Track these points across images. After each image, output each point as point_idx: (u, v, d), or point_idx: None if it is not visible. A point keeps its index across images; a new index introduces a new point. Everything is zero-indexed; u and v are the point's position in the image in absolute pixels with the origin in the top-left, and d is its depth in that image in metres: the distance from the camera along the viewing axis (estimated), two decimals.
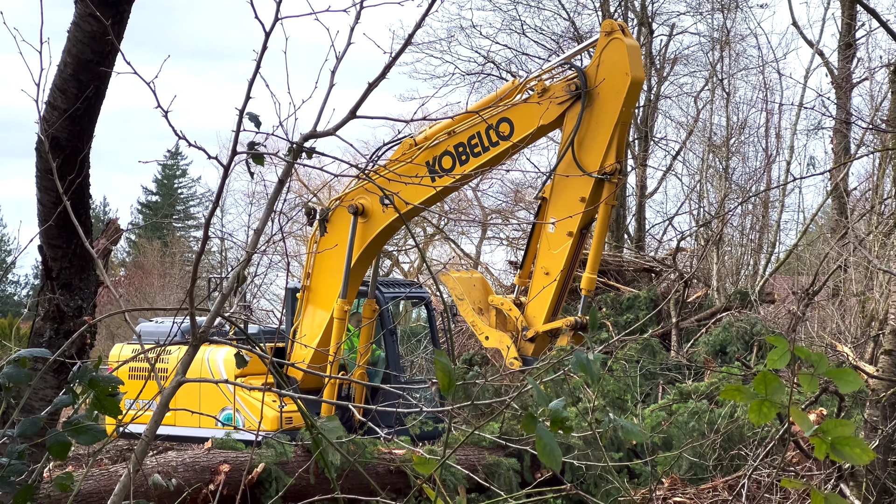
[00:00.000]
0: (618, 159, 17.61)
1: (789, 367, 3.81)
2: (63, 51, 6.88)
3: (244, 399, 19.96)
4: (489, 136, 18.01)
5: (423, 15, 5.15)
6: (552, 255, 18.11)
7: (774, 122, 31.18)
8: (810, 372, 3.67)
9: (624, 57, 17.31)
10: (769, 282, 26.25)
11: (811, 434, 3.55)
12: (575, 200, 17.86)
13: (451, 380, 4.26)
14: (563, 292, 18.33)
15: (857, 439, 3.56)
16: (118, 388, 4.43)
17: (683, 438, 14.87)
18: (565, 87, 17.81)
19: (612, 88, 17.41)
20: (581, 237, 18.16)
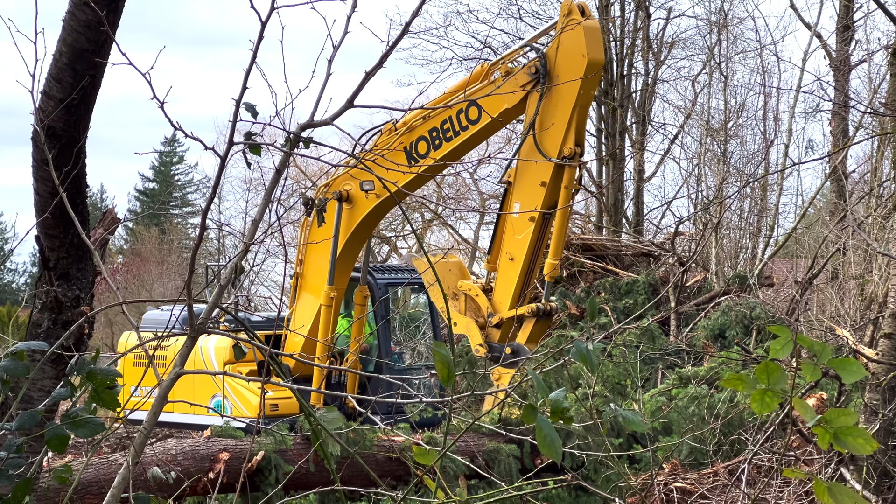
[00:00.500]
0: (577, 143, 17.24)
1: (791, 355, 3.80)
2: (58, 40, 6.85)
3: (232, 387, 20.06)
4: (460, 121, 17.87)
5: (421, 3, 5.12)
6: (516, 240, 17.91)
7: (772, 106, 31.21)
8: (812, 362, 3.65)
9: (580, 38, 16.91)
10: (768, 265, 26.25)
11: (814, 424, 3.53)
12: (536, 185, 17.62)
13: (451, 371, 4.24)
14: (528, 278, 18.06)
15: (860, 429, 3.55)
16: (116, 381, 4.41)
17: (683, 423, 14.87)
18: (526, 71, 17.53)
19: (570, 71, 17.03)
20: (545, 222, 17.86)
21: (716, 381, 16.34)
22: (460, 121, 17.83)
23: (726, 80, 31.47)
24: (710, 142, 31.06)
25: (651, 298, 22.92)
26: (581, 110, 17.19)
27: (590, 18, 17.19)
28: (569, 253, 25.85)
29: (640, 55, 37.70)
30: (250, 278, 31.23)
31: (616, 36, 37.66)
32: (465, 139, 17.88)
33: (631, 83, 37.80)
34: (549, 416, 4.18)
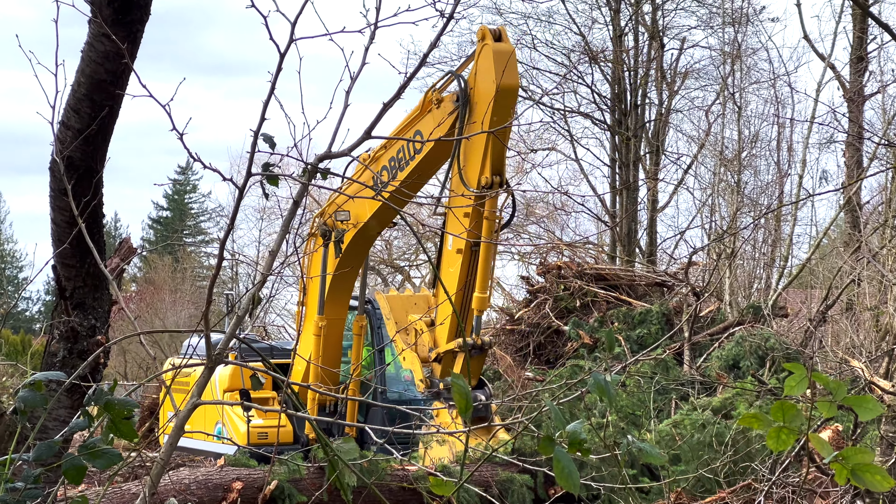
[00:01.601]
0: (494, 172, 16.70)
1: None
2: (77, 70, 6.88)
3: (228, 415, 20.13)
4: (410, 150, 17.58)
5: (438, 35, 5.14)
6: (449, 273, 17.56)
7: (786, 136, 31.17)
8: (829, 399, 3.65)
9: (490, 64, 16.44)
10: (782, 296, 26.20)
11: (831, 460, 3.53)
12: (460, 216, 17.16)
13: (469, 403, 4.23)
14: (462, 311, 17.70)
15: (877, 466, 3.54)
16: (133, 412, 4.41)
17: (691, 452, 14.83)
18: (450, 98, 17.15)
19: (484, 98, 16.57)
20: (473, 255, 17.42)
21: (729, 411, 16.30)
22: (410, 150, 17.56)
23: (740, 110, 31.48)
24: (724, 172, 31.05)
25: (664, 328, 22.89)
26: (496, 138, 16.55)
27: (504, 43, 16.68)
28: (582, 283, 25.82)
29: (653, 85, 37.75)
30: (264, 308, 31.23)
31: (630, 66, 37.73)
32: (413, 167, 17.47)
33: (644, 113, 37.84)
34: (567, 448, 4.17)
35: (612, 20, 37.29)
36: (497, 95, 16.29)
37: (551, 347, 25.51)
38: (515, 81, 16.87)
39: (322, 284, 19.00)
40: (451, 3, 5.09)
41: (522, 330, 25.99)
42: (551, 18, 37.85)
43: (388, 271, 49.88)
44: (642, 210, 37.67)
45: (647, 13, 37.75)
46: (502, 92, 16.35)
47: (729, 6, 34.46)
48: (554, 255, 31.80)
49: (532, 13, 37.36)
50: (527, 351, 25.70)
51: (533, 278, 28.54)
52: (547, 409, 4.39)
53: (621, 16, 37.38)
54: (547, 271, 27.07)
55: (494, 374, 24.29)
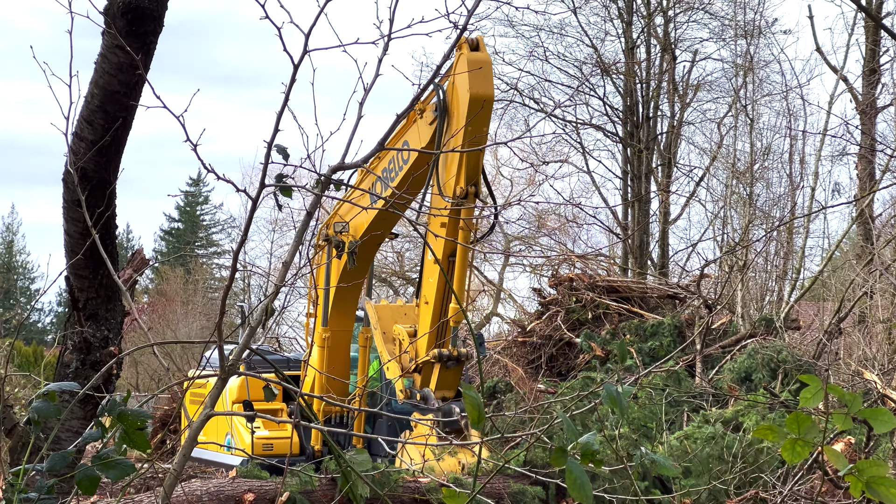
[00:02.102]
0: (469, 182, 16.50)
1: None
2: (90, 82, 6.89)
3: (235, 425, 20.18)
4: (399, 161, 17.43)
5: (451, 47, 5.15)
6: (429, 283, 17.58)
7: (798, 149, 31.10)
8: (843, 412, 3.64)
9: (465, 74, 16.23)
10: (794, 308, 26.14)
11: (846, 473, 3.52)
12: (437, 226, 17.10)
13: (481, 413, 4.23)
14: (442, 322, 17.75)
15: (892, 479, 3.54)
16: (146, 423, 4.42)
17: (706, 466, 14.80)
18: (431, 109, 16.91)
19: (460, 107, 16.44)
20: (451, 265, 17.34)
21: (740, 423, 16.27)
22: (399, 161, 17.46)
23: (752, 122, 31.44)
24: (736, 184, 31.01)
25: (676, 340, 22.86)
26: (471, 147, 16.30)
27: (481, 52, 16.50)
28: (594, 295, 25.80)
29: (665, 97, 37.76)
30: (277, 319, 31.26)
31: (642, 78, 37.74)
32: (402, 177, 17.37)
33: (657, 125, 37.84)
34: (580, 460, 4.17)
35: (625, 32, 37.32)
36: (470, 105, 16.17)
37: (563, 359, 25.49)
38: (489, 91, 16.67)
39: (326, 296, 19.01)
40: (465, 15, 5.10)
41: (534, 342, 25.97)
42: (563, 31, 37.90)
43: (399, 283, 49.87)
44: (654, 222, 37.66)
45: (659, 25, 37.77)
46: (475, 102, 16.20)
47: (741, 18, 34.45)
48: (566, 268, 31.76)
49: (544, 25, 37.40)
50: (539, 363, 25.68)
51: (545, 290, 28.52)
52: (559, 421, 4.39)
53: (633, 28, 37.40)
54: (559, 283, 27.05)
55: (506, 385, 24.26)
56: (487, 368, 26.19)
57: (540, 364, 25.64)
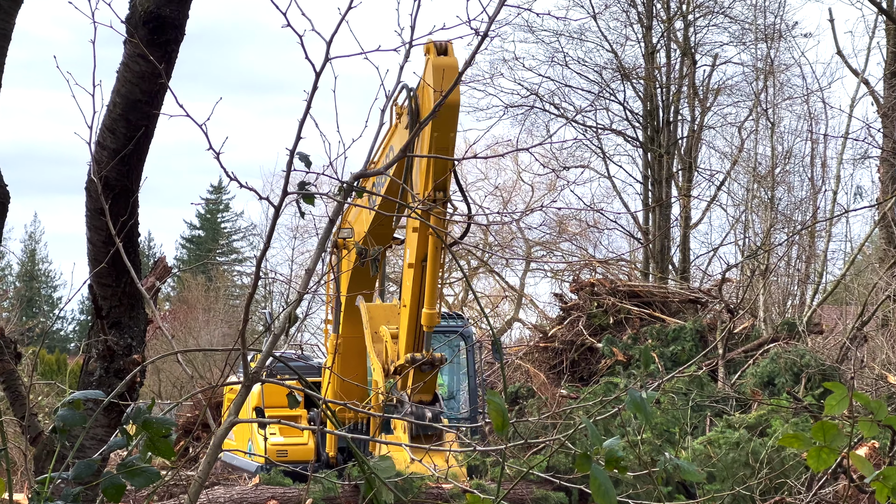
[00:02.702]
0: (437, 188, 16.12)
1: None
2: (112, 91, 6.91)
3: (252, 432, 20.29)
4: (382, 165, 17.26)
5: (473, 53, 5.15)
6: (406, 287, 17.53)
7: (820, 152, 31.07)
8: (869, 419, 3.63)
9: (430, 78, 16.03)
10: (817, 312, 26.08)
11: (872, 479, 3.51)
12: (409, 231, 17.09)
13: (505, 419, 4.23)
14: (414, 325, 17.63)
15: None
16: (171, 430, 4.43)
17: (730, 471, 14.78)
18: (407, 112, 16.78)
19: (426, 111, 16.17)
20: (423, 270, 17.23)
21: (765, 429, 16.23)
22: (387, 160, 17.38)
23: (773, 126, 31.36)
24: (758, 188, 30.95)
25: (698, 345, 22.83)
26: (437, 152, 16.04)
27: (449, 57, 16.26)
28: (615, 300, 25.79)
29: (686, 102, 37.72)
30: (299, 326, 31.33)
31: (662, 83, 37.70)
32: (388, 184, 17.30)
33: (677, 130, 37.80)
34: (604, 465, 4.16)
35: (644, 37, 37.29)
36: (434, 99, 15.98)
37: (585, 364, 25.48)
38: (454, 98, 16.42)
39: (337, 303, 19.05)
40: (485, 21, 5.10)
41: (556, 347, 25.97)
42: (583, 36, 37.89)
43: None
44: (675, 227, 37.61)
45: (679, 30, 37.73)
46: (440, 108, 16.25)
47: (761, 22, 34.37)
48: (587, 273, 31.76)
49: (564, 31, 37.41)
50: (561, 368, 25.68)
51: (566, 295, 28.52)
52: (583, 427, 4.39)
53: (653, 33, 37.38)
54: (580, 288, 27.04)
55: (528, 391, 24.25)
56: (509, 374, 26.19)
57: (562, 369, 25.64)
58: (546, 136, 36.94)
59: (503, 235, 44.68)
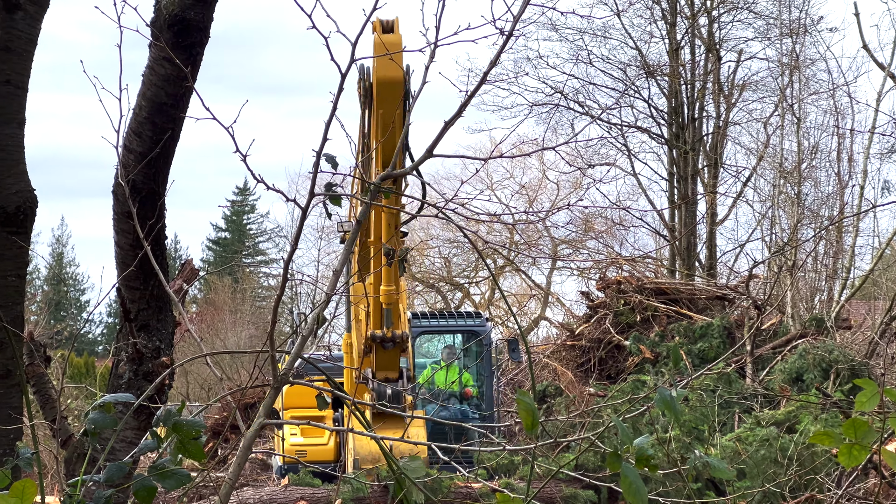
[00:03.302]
0: (385, 164, 15.76)
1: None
2: (138, 94, 6.93)
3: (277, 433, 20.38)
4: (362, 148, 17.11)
5: (498, 53, 5.15)
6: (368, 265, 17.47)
7: (846, 147, 30.92)
8: None
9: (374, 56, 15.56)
10: (845, 307, 25.99)
11: None
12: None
13: (535, 419, 4.23)
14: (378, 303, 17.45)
15: None
16: (201, 432, 4.44)
17: (760, 468, 14.75)
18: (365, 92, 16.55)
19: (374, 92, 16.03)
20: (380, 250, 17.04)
21: (794, 425, 16.19)
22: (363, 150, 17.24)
23: (799, 121, 31.26)
24: (784, 184, 30.85)
25: (726, 342, 22.78)
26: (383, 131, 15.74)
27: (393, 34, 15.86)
28: (642, 297, 25.76)
29: (711, 98, 37.63)
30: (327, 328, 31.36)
31: (687, 79, 37.62)
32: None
33: (702, 126, 37.72)
34: (634, 464, 4.16)
35: (669, 34, 37.21)
36: (378, 88, 15.79)
37: (612, 362, 25.46)
38: (396, 73, 15.98)
39: (347, 303, 19.08)
40: (510, 21, 5.10)
41: (583, 345, 25.96)
42: (607, 33, 37.84)
43: (447, 289, 49.90)
44: (701, 223, 37.52)
45: (703, 26, 37.64)
46: (382, 84, 15.81)
47: (786, 17, 34.29)
48: (613, 270, 31.73)
49: (588, 28, 37.36)
50: (588, 366, 25.67)
51: (593, 294, 28.51)
52: (612, 425, 4.39)
53: (677, 29, 37.29)
54: (607, 286, 27.03)
55: (556, 389, 24.24)
56: (537, 373, 26.18)
57: (589, 367, 25.62)
58: (571, 135, 36.95)
59: (529, 234, 44.66)
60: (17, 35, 7.58)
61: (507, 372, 28.24)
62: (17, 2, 7.48)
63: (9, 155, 7.61)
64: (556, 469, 5.65)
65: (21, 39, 7.61)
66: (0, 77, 7.58)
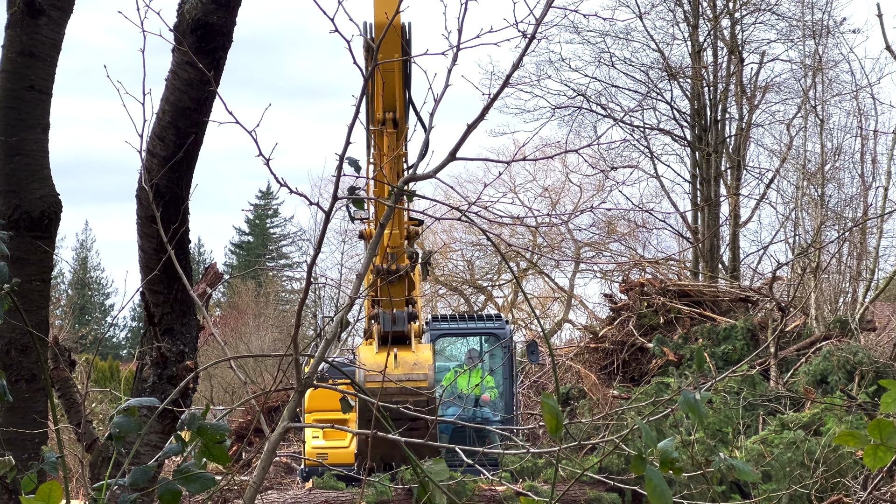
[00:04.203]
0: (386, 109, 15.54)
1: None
2: (161, 99, 6.94)
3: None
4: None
5: (520, 56, 5.14)
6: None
7: (870, 148, 30.84)
8: None
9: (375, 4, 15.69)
10: (869, 309, 25.90)
11: None
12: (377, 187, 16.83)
13: (559, 422, 4.23)
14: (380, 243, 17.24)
15: None
16: (225, 436, 4.44)
17: (786, 471, 14.71)
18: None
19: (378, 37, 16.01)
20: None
21: (819, 427, 16.14)
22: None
23: (822, 123, 31.17)
24: (807, 186, 30.77)
25: (750, 344, 22.73)
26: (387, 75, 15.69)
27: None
28: (665, 299, 25.72)
29: (733, 100, 37.56)
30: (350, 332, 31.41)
31: (709, 81, 37.55)
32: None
33: (725, 128, 37.65)
34: (659, 466, 4.15)
35: (691, 36, 37.16)
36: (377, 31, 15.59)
37: (636, 365, 25.43)
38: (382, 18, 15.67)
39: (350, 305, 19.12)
40: (532, 23, 5.09)
41: (606, 348, 25.93)
42: (629, 36, 37.83)
43: (470, 291, 49.89)
44: (724, 225, 37.45)
45: (725, 28, 37.58)
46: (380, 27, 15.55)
47: (809, 19, 34.20)
48: (636, 273, 31.70)
49: (610, 31, 37.35)
50: (611, 369, 25.64)
51: (616, 296, 28.47)
52: (636, 427, 4.38)
53: (700, 31, 37.24)
54: (630, 288, 26.99)
55: (579, 392, 24.21)
56: (560, 375, 26.15)
57: (613, 370, 25.59)
58: (594, 137, 36.89)
59: (552, 237, 44.64)
60: (40, 41, 7.62)
61: (530, 375, 28.23)
62: (41, 7, 7.51)
63: (33, 160, 7.65)
64: (580, 472, 5.64)
65: (45, 45, 7.65)
66: (24, 82, 7.62)
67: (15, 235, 7.23)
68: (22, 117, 7.63)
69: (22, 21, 7.57)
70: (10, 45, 7.62)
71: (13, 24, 7.61)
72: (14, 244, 6.77)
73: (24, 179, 7.60)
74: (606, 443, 7.16)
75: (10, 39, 7.62)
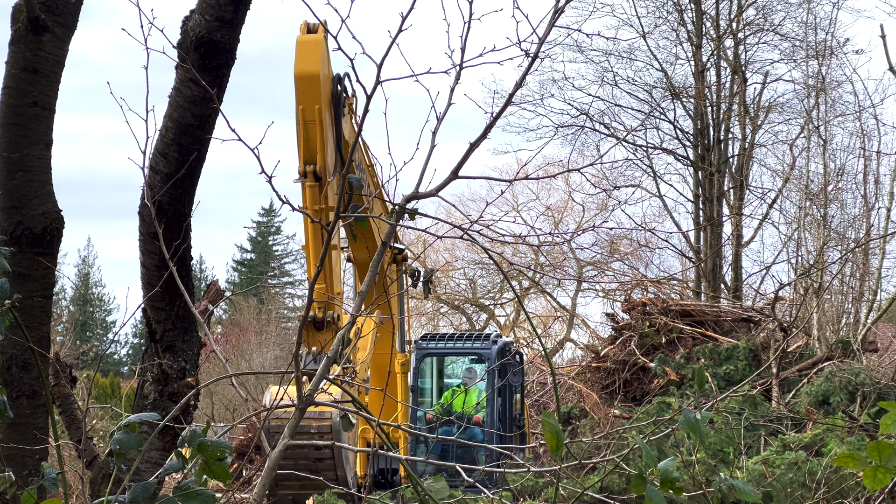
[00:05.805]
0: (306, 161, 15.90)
1: None
2: (164, 115, 6.95)
3: None
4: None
5: (523, 75, 5.15)
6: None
7: (873, 169, 30.86)
8: None
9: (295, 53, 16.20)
10: (872, 330, 25.89)
11: None
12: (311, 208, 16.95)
13: (560, 441, 4.22)
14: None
15: None
16: (226, 453, 4.44)
17: (787, 492, 14.68)
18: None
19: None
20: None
21: (820, 448, 16.12)
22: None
23: (825, 143, 31.19)
24: (810, 206, 30.78)
25: (752, 364, 22.71)
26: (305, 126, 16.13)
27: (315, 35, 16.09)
28: (667, 319, 25.71)
29: (736, 120, 37.59)
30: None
31: (712, 101, 37.58)
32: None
33: (728, 148, 37.67)
34: (659, 486, 4.15)
35: (694, 55, 37.19)
36: (297, 84, 16.18)
37: (637, 384, 25.42)
38: (314, 68, 16.32)
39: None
40: (536, 42, 5.10)
41: (608, 367, 25.92)
42: (633, 55, 37.87)
43: (472, 310, 49.87)
44: (727, 245, 37.45)
45: (729, 48, 37.63)
46: (300, 79, 16.20)
47: (812, 39, 34.24)
48: (639, 292, 31.67)
49: (614, 50, 37.37)
50: (613, 388, 25.62)
51: (618, 315, 28.47)
52: (637, 447, 4.38)
53: (703, 51, 37.27)
54: (632, 308, 26.99)
55: (581, 411, 24.18)
56: (562, 394, 26.14)
57: (614, 389, 25.57)
58: (597, 156, 36.94)
59: (554, 256, 44.61)
60: (44, 57, 7.64)
61: (531, 393, 28.20)
62: (44, 24, 7.53)
63: (36, 176, 7.66)
64: (580, 491, 5.64)
65: (48, 62, 7.67)
66: (27, 99, 7.64)
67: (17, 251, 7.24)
68: (25, 133, 7.65)
69: (26, 37, 7.59)
70: (14, 61, 7.64)
71: (17, 41, 7.63)
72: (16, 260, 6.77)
73: (26, 195, 7.61)
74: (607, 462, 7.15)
75: (14, 56, 7.64)
